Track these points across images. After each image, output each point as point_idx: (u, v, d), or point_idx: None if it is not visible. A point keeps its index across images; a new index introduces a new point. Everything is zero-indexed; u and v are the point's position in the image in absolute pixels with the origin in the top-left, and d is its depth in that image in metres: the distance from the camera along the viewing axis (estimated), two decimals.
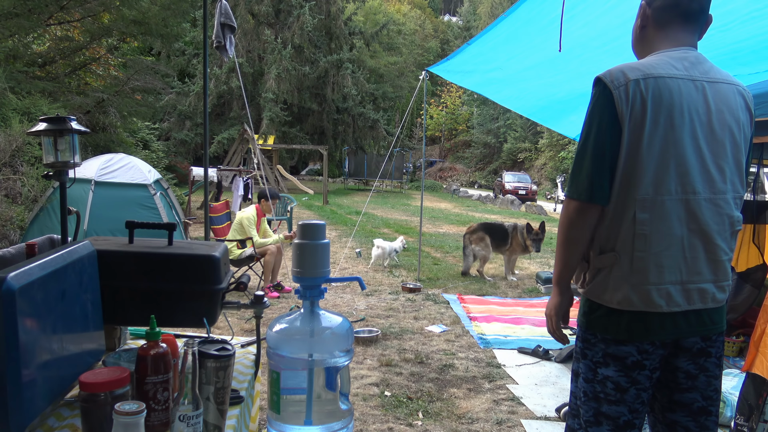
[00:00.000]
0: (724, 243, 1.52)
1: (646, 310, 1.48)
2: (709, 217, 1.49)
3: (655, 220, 1.46)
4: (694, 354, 1.54)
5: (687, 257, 1.48)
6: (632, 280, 1.48)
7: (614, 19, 3.43)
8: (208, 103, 4.87)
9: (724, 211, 1.51)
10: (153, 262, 1.50)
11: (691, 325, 1.52)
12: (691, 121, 1.46)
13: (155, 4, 8.63)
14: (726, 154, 1.50)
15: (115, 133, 9.16)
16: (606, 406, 1.53)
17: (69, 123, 1.74)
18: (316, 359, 1.34)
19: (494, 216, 16.36)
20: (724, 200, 1.50)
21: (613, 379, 1.52)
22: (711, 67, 1.53)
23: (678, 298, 1.48)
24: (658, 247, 1.46)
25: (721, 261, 1.52)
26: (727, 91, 1.51)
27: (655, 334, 1.49)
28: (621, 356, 1.51)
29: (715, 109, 1.49)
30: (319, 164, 30.81)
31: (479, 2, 43.36)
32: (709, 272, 1.51)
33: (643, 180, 1.45)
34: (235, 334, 2.06)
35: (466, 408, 3.32)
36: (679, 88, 1.45)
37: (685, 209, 1.46)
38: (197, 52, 21.70)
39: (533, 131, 31.93)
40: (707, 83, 1.49)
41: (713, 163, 1.48)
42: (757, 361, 2.42)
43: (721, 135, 1.49)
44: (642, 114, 1.43)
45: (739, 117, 1.52)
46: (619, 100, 1.44)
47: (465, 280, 6.99)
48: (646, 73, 1.45)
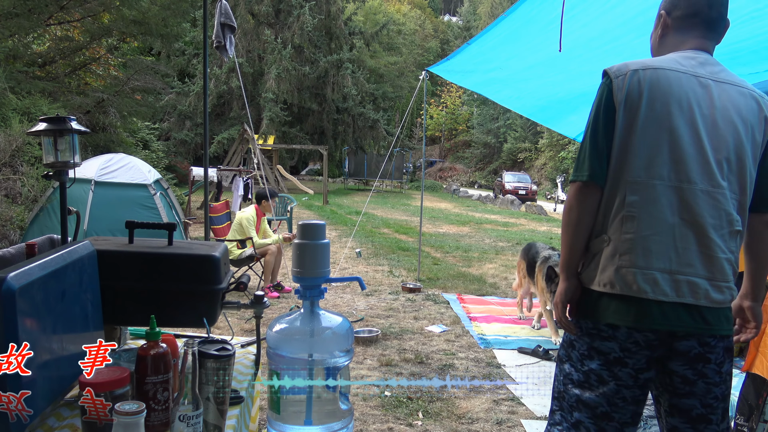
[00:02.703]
0: (721, 240, 1.48)
1: (631, 295, 1.48)
2: (705, 210, 1.46)
3: (644, 203, 1.47)
4: (692, 359, 1.50)
5: (678, 247, 1.46)
6: (619, 263, 1.49)
7: (614, 19, 3.43)
8: (208, 103, 4.87)
9: (722, 206, 1.48)
10: (153, 262, 1.50)
11: (681, 320, 1.47)
12: (691, 112, 1.46)
13: (155, 4, 8.63)
14: (728, 150, 1.48)
15: (115, 133, 9.17)
16: (587, 394, 1.56)
17: (69, 123, 1.74)
18: (316, 359, 1.34)
19: (494, 216, 16.36)
20: (723, 196, 1.48)
21: (596, 371, 1.55)
22: (722, 70, 1.53)
23: (665, 287, 1.46)
24: (647, 231, 1.47)
25: (716, 258, 1.48)
26: (737, 92, 1.51)
27: (640, 320, 1.48)
28: (605, 351, 1.53)
29: (720, 106, 1.48)
30: (319, 164, 30.81)
31: (479, 2, 43.36)
32: (702, 267, 1.47)
33: (635, 162, 1.47)
34: (235, 334, 2.06)
35: (466, 408, 3.32)
36: (679, 80, 1.47)
37: (679, 197, 1.46)
38: (197, 52, 21.70)
39: (533, 131, 31.94)
40: (713, 82, 1.49)
41: (714, 157, 1.47)
42: (757, 361, 2.42)
43: (725, 131, 1.48)
44: (638, 99, 1.47)
45: (748, 119, 1.50)
46: (617, 88, 1.50)
47: (464, 280, 6.99)
48: (647, 66, 1.50)
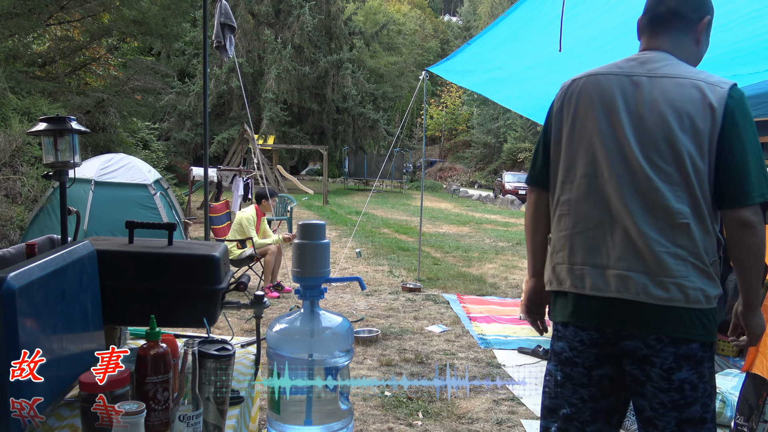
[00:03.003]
0: (657, 233, 1.43)
1: (566, 290, 1.54)
2: (633, 204, 1.45)
3: (574, 201, 1.55)
4: (638, 360, 1.47)
5: (608, 242, 1.49)
6: (555, 260, 1.60)
7: (614, 19, 3.43)
8: (208, 103, 4.87)
9: (655, 199, 1.44)
10: (153, 262, 1.50)
11: (617, 317, 1.46)
12: (615, 112, 1.50)
13: (155, 4, 8.63)
14: (658, 143, 1.44)
15: (115, 133, 9.17)
16: (548, 399, 1.61)
17: (69, 123, 1.74)
18: (316, 359, 1.34)
19: (494, 216, 16.36)
20: (655, 189, 1.43)
21: (552, 373, 1.60)
22: (666, 65, 1.50)
23: (598, 282, 1.48)
24: (577, 228, 1.54)
25: (653, 252, 1.43)
26: (673, 84, 1.46)
27: (578, 316, 1.53)
28: (558, 351, 1.59)
29: (650, 100, 1.46)
30: (319, 164, 30.80)
31: (479, 2, 43.34)
32: (637, 261, 1.44)
33: (564, 164, 1.59)
34: (235, 334, 2.06)
35: (466, 408, 3.32)
36: (609, 82, 1.53)
37: (605, 193, 1.50)
38: (197, 52, 21.69)
39: (533, 131, 31.91)
40: (648, 78, 1.49)
41: (641, 152, 1.45)
42: (757, 361, 2.42)
43: (652, 123, 1.45)
44: (568, 106, 1.59)
45: (684, 108, 1.43)
46: (556, 99, 1.64)
47: (464, 280, 6.99)
48: (587, 74, 1.59)
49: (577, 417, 1.56)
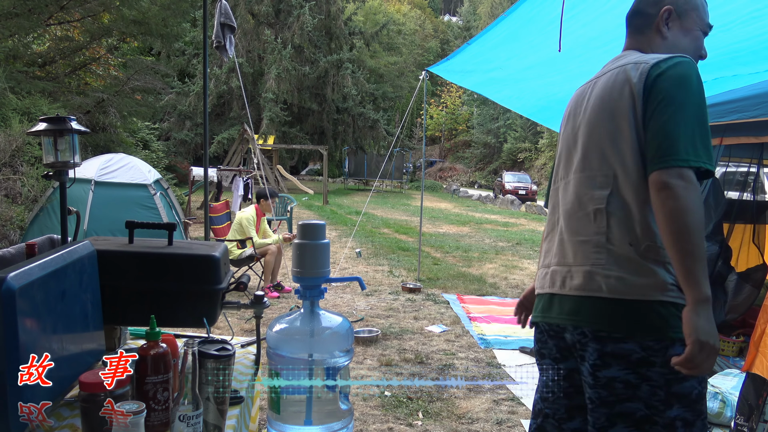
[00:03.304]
0: (575, 222, 1.46)
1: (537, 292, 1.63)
2: (563, 199, 1.54)
3: (549, 207, 1.66)
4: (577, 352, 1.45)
5: (554, 242, 1.56)
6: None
7: (614, 19, 3.42)
8: (208, 103, 4.87)
9: (573, 189, 1.49)
10: (153, 262, 1.50)
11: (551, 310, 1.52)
12: (575, 117, 1.55)
13: (155, 4, 8.63)
14: (597, 137, 1.44)
15: (115, 133, 9.17)
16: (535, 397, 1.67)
17: (69, 123, 1.74)
18: (316, 359, 1.34)
19: (494, 216, 16.36)
20: (577, 180, 1.48)
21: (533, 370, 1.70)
22: (614, 62, 1.52)
23: (541, 279, 1.58)
24: (545, 233, 1.66)
25: (569, 242, 1.47)
26: (610, 75, 1.45)
27: (535, 313, 1.61)
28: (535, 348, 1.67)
29: (593, 97, 1.49)
30: (319, 164, 30.81)
31: (479, 2, 43.35)
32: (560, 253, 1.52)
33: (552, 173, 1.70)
34: (235, 334, 2.06)
35: (466, 408, 3.32)
36: (581, 92, 1.58)
37: (555, 198, 1.60)
38: (197, 52, 21.70)
39: (533, 131, 31.92)
40: (600, 76, 1.52)
41: (582, 150, 1.48)
42: (757, 361, 2.42)
43: (596, 122, 1.46)
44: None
45: (614, 96, 1.40)
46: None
47: (464, 280, 6.99)
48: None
49: (553, 414, 1.56)
